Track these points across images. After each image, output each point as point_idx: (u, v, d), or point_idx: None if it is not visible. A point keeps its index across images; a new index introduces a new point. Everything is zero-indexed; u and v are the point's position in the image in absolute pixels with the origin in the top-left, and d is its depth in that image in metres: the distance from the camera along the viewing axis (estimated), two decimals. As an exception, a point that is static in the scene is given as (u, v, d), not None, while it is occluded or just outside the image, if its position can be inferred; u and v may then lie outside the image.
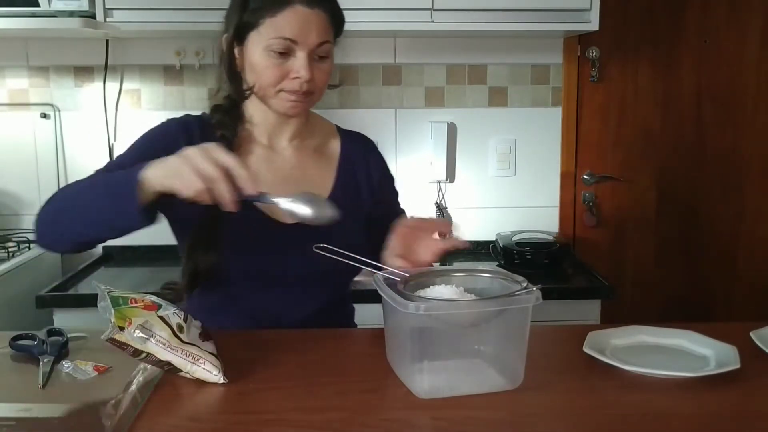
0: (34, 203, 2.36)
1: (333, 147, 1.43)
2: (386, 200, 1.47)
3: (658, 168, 2.50)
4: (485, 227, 2.40)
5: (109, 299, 1.01)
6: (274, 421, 0.93)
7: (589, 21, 2.06)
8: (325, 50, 1.27)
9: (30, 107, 2.33)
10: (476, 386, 1.00)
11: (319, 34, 1.24)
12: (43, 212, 1.16)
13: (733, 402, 0.99)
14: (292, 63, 1.24)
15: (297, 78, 1.25)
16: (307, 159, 1.39)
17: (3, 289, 1.97)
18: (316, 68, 1.26)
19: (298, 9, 1.23)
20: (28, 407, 0.97)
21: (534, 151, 2.45)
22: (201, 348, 1.03)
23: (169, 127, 1.32)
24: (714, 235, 2.55)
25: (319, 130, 1.43)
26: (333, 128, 1.47)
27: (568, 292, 2.06)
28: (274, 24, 1.23)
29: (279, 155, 1.37)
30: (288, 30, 1.23)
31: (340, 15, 1.32)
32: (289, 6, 1.23)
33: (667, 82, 2.47)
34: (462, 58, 2.38)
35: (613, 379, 1.05)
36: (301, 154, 1.39)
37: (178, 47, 2.30)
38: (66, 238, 1.16)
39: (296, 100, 1.27)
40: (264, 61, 1.25)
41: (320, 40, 1.25)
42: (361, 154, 1.44)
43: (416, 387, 0.99)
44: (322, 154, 1.41)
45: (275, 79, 1.25)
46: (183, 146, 1.25)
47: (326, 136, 1.44)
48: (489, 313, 1.00)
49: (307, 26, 1.23)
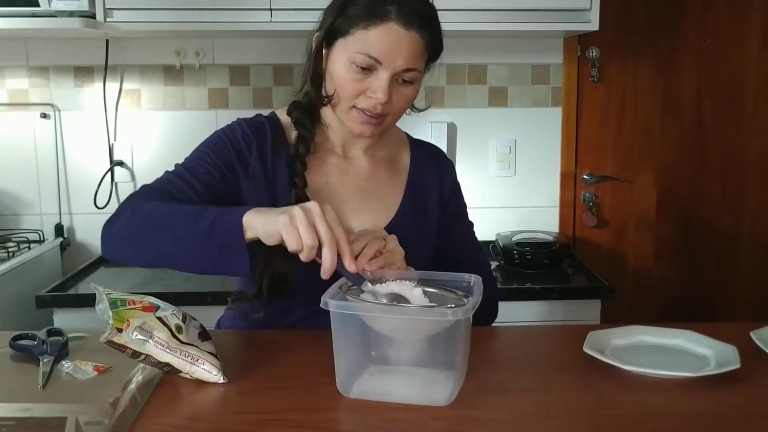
0: (34, 203, 2.36)
1: (404, 158, 1.38)
2: (457, 235, 1.40)
3: (659, 168, 2.50)
4: (485, 227, 2.40)
5: (107, 301, 1.01)
6: (274, 421, 0.93)
7: (589, 21, 2.06)
8: (411, 77, 1.19)
9: (30, 107, 2.33)
10: (403, 396, 0.97)
11: (407, 59, 1.16)
12: (123, 227, 1.12)
13: (734, 402, 0.98)
14: (371, 81, 1.17)
15: (372, 98, 1.17)
16: (380, 171, 1.34)
17: (3, 289, 1.97)
18: (397, 92, 1.19)
19: (392, 27, 1.14)
20: (28, 407, 0.97)
21: (534, 151, 2.45)
22: (200, 348, 1.03)
23: (239, 129, 1.27)
24: (714, 235, 2.55)
25: (392, 140, 1.38)
26: (404, 137, 1.42)
27: (568, 292, 2.06)
28: (364, 37, 1.15)
29: (353, 166, 1.33)
30: (375, 48, 1.14)
31: (439, 42, 1.22)
32: (384, 22, 1.14)
33: (667, 81, 2.47)
34: (462, 58, 2.38)
35: (613, 379, 1.05)
36: (374, 165, 1.34)
37: (178, 47, 2.30)
38: (149, 258, 1.12)
39: (367, 122, 1.20)
40: (344, 73, 1.18)
41: (407, 66, 1.16)
42: (431, 166, 1.39)
43: (342, 386, 0.99)
44: (394, 166, 1.37)
45: (351, 93, 1.18)
46: (254, 149, 1.25)
47: (398, 147, 1.39)
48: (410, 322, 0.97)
49: (397, 48, 1.15)
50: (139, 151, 2.36)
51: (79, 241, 2.37)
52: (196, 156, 1.24)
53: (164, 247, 1.08)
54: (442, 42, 1.24)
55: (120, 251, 1.15)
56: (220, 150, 1.24)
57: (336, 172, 1.31)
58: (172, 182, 1.19)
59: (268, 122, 1.29)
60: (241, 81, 2.35)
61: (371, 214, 1.30)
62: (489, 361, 1.14)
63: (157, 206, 1.11)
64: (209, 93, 2.36)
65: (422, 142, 1.44)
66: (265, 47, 2.32)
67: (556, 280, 2.14)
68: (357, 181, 1.32)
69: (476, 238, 1.47)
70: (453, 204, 1.40)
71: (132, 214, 1.12)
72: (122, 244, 1.13)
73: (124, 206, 1.15)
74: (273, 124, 1.29)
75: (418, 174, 1.37)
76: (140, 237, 1.10)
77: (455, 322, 0.94)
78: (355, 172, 1.33)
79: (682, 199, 2.53)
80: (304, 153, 1.26)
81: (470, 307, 0.94)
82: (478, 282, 1.05)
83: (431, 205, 1.37)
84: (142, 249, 1.11)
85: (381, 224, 1.30)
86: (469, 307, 0.94)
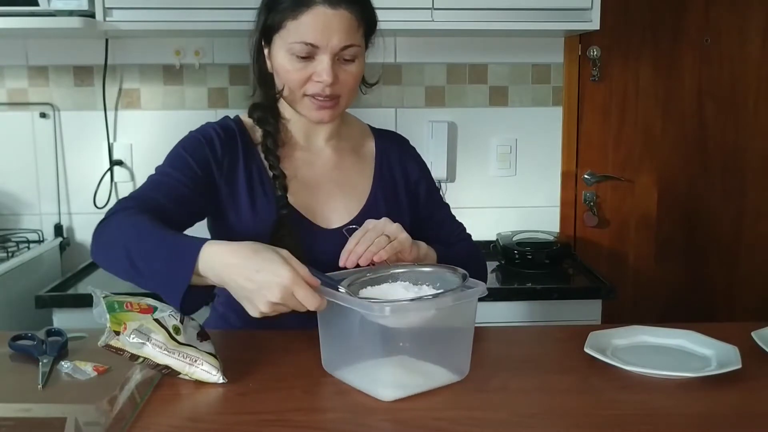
0: (34, 203, 2.36)
1: (368, 147, 1.41)
2: (433, 217, 1.43)
3: (659, 167, 2.50)
4: (486, 227, 2.40)
5: (104, 304, 1.00)
6: (274, 422, 0.92)
7: (590, 20, 2.06)
8: (352, 53, 1.22)
9: (29, 107, 2.33)
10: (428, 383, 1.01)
11: (342, 36, 1.19)
12: (104, 234, 1.13)
13: (735, 402, 0.98)
14: (314, 66, 1.20)
15: (319, 82, 1.21)
16: (346, 160, 1.37)
17: (3, 289, 1.97)
18: (342, 71, 1.22)
19: (319, 10, 1.18)
20: (28, 407, 0.96)
21: (535, 151, 2.45)
22: (198, 349, 1.03)
23: (208, 133, 1.29)
24: (715, 235, 2.54)
25: (353, 130, 1.41)
26: (366, 128, 1.45)
27: (568, 292, 2.05)
28: (296, 27, 1.19)
29: (318, 157, 1.35)
30: (309, 34, 1.18)
31: (370, 13, 1.26)
32: (310, 7, 1.18)
33: (668, 81, 2.46)
34: (462, 57, 2.37)
35: (613, 379, 1.05)
36: (339, 155, 1.37)
37: (177, 47, 2.29)
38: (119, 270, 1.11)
39: (321, 106, 1.23)
40: (287, 65, 1.21)
41: (344, 44, 1.20)
42: (396, 153, 1.42)
43: (379, 391, 0.98)
44: (359, 155, 1.39)
45: (298, 82, 1.22)
46: (227, 151, 1.27)
47: (361, 137, 1.42)
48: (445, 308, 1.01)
49: (329, 29, 1.18)
50: (138, 151, 2.36)
51: (79, 241, 2.36)
52: (170, 162, 1.26)
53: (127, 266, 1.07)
54: (375, 13, 1.28)
55: (99, 260, 1.15)
56: (196, 148, 1.26)
57: (303, 165, 1.33)
58: (160, 187, 1.21)
59: (235, 124, 1.32)
60: (241, 80, 2.34)
61: (342, 202, 1.33)
62: (489, 361, 1.14)
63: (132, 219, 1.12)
64: (209, 92, 2.35)
65: (384, 130, 1.46)
66: (265, 47, 2.32)
67: (556, 280, 2.13)
68: (324, 170, 1.34)
69: (453, 218, 1.49)
70: (421, 187, 1.42)
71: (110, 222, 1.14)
72: (100, 254, 1.14)
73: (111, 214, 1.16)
74: (239, 126, 1.32)
75: (384, 160, 1.40)
76: (113, 251, 1.11)
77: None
78: (322, 162, 1.35)
79: (683, 199, 2.52)
80: (273, 147, 1.28)
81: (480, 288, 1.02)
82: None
83: (400, 189, 1.39)
84: (112, 263, 1.12)
85: (353, 212, 1.32)
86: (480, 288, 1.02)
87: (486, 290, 1.03)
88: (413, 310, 0.98)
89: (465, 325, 1.06)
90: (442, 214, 1.47)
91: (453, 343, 1.05)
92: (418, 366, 1.01)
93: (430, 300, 0.99)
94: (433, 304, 0.99)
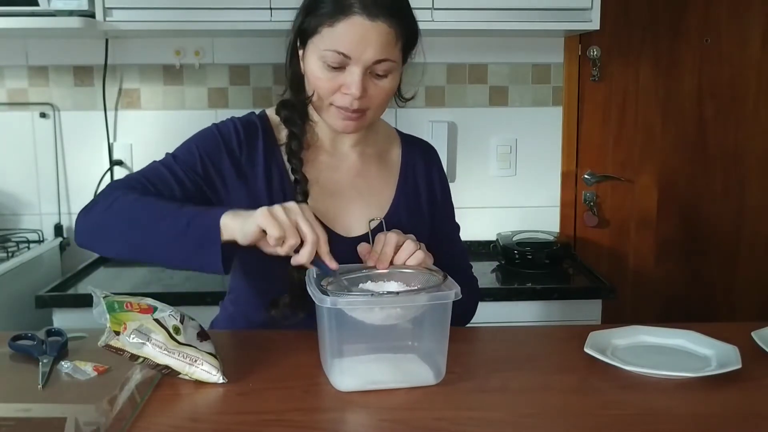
0: (33, 203, 2.36)
1: (394, 154, 1.38)
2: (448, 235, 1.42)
3: (659, 167, 2.50)
4: (486, 227, 2.40)
5: (104, 304, 1.00)
6: (274, 422, 0.92)
7: (590, 20, 2.06)
8: (385, 68, 1.16)
9: (29, 107, 2.33)
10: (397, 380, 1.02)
11: (377, 50, 1.14)
12: (99, 218, 1.13)
13: (735, 402, 0.98)
14: (344, 77, 1.16)
15: (347, 94, 1.16)
16: (371, 167, 1.34)
17: (3, 289, 1.97)
18: (372, 85, 1.17)
19: (356, 20, 1.12)
20: (28, 407, 0.96)
21: (535, 151, 2.45)
22: (198, 349, 1.03)
23: (232, 126, 1.27)
24: (715, 235, 2.54)
25: (381, 136, 1.38)
26: (394, 132, 1.41)
27: (568, 292, 2.05)
28: (331, 34, 1.14)
29: (343, 162, 1.32)
30: (343, 43, 1.13)
31: (411, 27, 1.21)
32: (347, 16, 1.13)
33: (668, 81, 2.46)
34: (462, 57, 2.37)
35: (613, 379, 1.05)
36: (364, 161, 1.33)
37: (177, 47, 2.29)
38: (122, 250, 1.13)
39: (347, 118, 1.19)
40: (318, 72, 1.17)
41: (378, 57, 1.14)
42: (422, 163, 1.39)
43: (335, 381, 1.01)
44: (385, 162, 1.36)
45: (327, 91, 1.18)
46: (245, 148, 1.25)
47: (388, 142, 1.38)
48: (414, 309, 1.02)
49: (364, 41, 1.13)
50: (138, 151, 2.36)
51: (79, 240, 2.36)
52: (187, 147, 1.25)
53: (138, 240, 1.10)
54: (417, 26, 1.22)
55: (92, 241, 1.16)
56: (210, 146, 1.25)
57: (326, 168, 1.30)
58: (157, 175, 1.20)
59: (260, 121, 1.29)
60: (241, 80, 2.34)
61: (363, 210, 1.29)
62: (489, 361, 1.14)
63: (136, 199, 1.13)
64: (209, 92, 2.35)
65: (412, 137, 1.44)
66: (265, 46, 2.32)
67: (556, 280, 2.13)
68: (348, 177, 1.32)
69: (461, 242, 1.48)
70: (442, 202, 1.41)
71: (110, 205, 1.13)
72: (95, 235, 1.15)
73: (101, 196, 1.17)
74: (264, 123, 1.29)
75: (410, 169, 1.37)
76: (115, 229, 1.12)
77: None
78: (346, 168, 1.32)
79: (683, 199, 2.52)
80: (297, 150, 1.26)
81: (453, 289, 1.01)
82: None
83: (423, 200, 1.37)
84: (115, 241, 1.13)
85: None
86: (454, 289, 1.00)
87: (460, 294, 1.00)
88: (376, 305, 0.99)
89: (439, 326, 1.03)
90: (454, 235, 1.45)
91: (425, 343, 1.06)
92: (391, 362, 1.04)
93: (395, 297, 1.00)
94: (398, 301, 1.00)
